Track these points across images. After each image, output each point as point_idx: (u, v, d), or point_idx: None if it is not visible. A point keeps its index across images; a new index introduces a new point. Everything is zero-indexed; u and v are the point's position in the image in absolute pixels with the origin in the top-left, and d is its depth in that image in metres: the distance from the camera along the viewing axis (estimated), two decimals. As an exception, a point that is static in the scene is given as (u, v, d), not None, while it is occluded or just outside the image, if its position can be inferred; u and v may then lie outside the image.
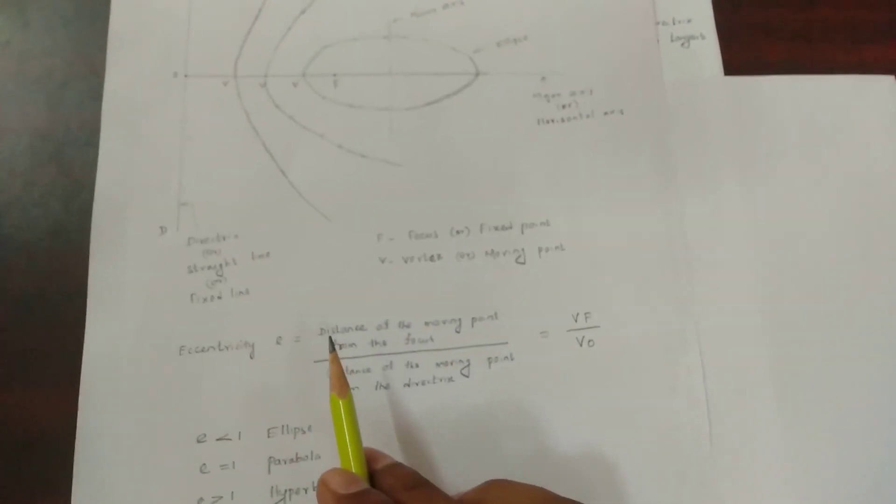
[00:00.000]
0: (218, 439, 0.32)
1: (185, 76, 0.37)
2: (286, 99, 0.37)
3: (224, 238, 0.35)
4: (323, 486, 0.27)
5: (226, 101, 0.36)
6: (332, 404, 0.30)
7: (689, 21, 0.40)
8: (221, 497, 0.32)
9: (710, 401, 0.34)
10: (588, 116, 0.38)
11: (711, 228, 0.37)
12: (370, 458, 0.29)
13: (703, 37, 0.40)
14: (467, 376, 0.34)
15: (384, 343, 0.34)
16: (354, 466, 0.29)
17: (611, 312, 0.35)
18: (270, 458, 0.32)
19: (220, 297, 0.34)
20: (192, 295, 0.34)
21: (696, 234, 0.36)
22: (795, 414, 0.34)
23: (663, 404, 0.34)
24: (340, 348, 0.34)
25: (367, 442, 0.33)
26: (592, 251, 0.36)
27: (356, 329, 0.34)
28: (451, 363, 0.34)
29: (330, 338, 0.31)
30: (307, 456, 0.32)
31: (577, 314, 0.35)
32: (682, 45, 0.39)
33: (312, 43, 0.37)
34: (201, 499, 0.32)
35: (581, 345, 0.34)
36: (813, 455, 0.34)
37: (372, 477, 0.29)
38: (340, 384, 0.30)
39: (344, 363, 0.34)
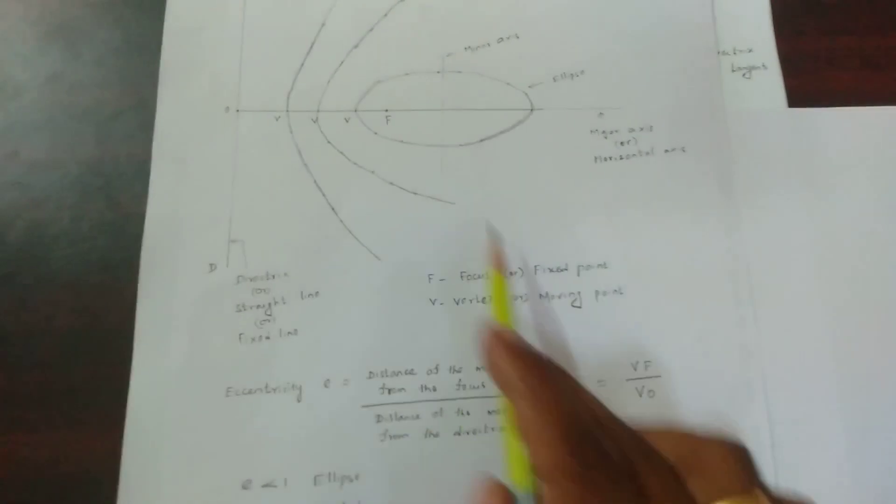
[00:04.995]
0: (263, 486, 0.31)
1: (237, 111, 0.36)
2: (338, 134, 0.36)
3: (273, 276, 0.34)
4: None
5: (277, 136, 0.36)
6: (494, 280, 0.30)
7: (750, 51, 0.38)
8: (267, 547, 0.31)
9: (776, 452, 0.33)
10: (648, 154, 0.36)
11: (776, 268, 0.35)
12: None
13: (765, 67, 0.38)
14: (521, 425, 0.32)
15: (434, 388, 0.33)
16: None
17: (672, 361, 0.33)
18: (317, 506, 0.31)
19: (268, 338, 0.33)
20: (240, 335, 0.33)
21: (760, 273, 0.35)
22: (868, 467, 0.33)
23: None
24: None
25: (418, 493, 0.32)
26: (653, 295, 0.34)
27: (406, 373, 0.33)
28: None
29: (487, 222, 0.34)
30: (355, 506, 0.31)
31: (637, 362, 0.33)
32: (744, 75, 0.38)
33: (365, 78, 0.37)
34: (246, 548, 0.31)
35: (641, 395, 0.33)
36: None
37: None
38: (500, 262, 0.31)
39: (393, 408, 0.33)
